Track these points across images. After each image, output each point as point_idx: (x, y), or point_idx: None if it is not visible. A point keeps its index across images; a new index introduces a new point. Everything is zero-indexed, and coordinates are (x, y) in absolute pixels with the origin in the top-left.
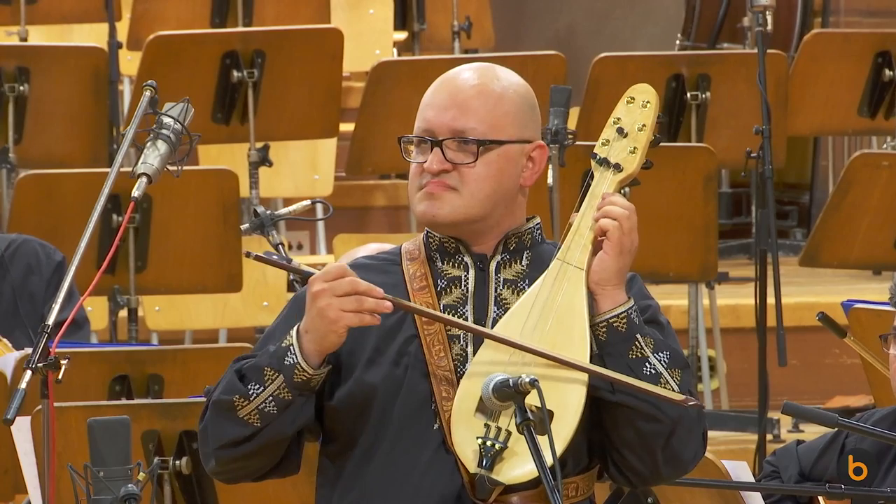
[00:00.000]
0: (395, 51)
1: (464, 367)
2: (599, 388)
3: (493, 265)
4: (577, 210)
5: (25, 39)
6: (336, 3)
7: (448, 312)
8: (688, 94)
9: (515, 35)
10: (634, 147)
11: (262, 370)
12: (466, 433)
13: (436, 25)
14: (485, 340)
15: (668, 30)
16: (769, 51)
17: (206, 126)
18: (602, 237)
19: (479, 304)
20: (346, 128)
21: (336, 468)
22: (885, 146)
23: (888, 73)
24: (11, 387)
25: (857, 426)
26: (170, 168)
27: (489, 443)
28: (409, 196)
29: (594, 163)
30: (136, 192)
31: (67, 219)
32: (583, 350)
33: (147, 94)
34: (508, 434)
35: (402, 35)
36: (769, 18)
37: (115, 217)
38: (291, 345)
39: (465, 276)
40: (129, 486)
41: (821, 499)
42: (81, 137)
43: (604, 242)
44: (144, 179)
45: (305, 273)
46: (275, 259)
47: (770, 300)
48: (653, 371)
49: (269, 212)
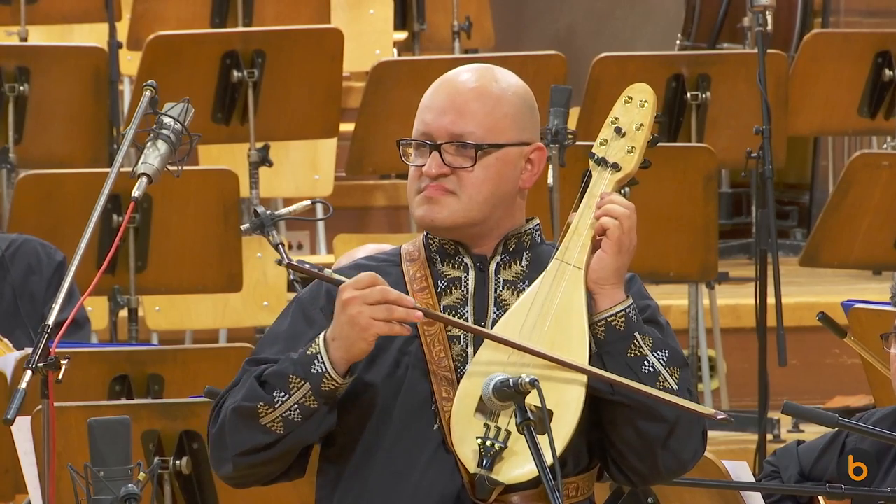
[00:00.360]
0: (396, 51)
1: (464, 368)
2: (598, 388)
3: (493, 266)
4: (576, 210)
5: (25, 39)
6: (336, 3)
7: (448, 313)
8: (688, 94)
9: (515, 35)
10: (632, 146)
11: (287, 377)
12: (466, 433)
13: (436, 25)
14: (485, 340)
15: (668, 30)
16: (769, 51)
17: (207, 126)
18: (601, 236)
19: (479, 305)
20: (347, 128)
21: (336, 468)
22: (885, 146)
23: (888, 73)
24: (11, 387)
25: (857, 426)
26: (170, 168)
27: (489, 443)
28: (408, 199)
29: (592, 162)
30: (137, 192)
31: (67, 219)
32: (582, 349)
33: (147, 94)
34: (508, 434)
35: (403, 35)
36: (769, 18)
37: (116, 217)
38: (318, 353)
39: (465, 278)
40: (130, 486)
41: (821, 499)
42: (81, 137)
43: (603, 241)
44: (145, 179)
45: (337, 281)
46: (306, 267)
47: (770, 300)
48: (651, 369)
49: (270, 212)
